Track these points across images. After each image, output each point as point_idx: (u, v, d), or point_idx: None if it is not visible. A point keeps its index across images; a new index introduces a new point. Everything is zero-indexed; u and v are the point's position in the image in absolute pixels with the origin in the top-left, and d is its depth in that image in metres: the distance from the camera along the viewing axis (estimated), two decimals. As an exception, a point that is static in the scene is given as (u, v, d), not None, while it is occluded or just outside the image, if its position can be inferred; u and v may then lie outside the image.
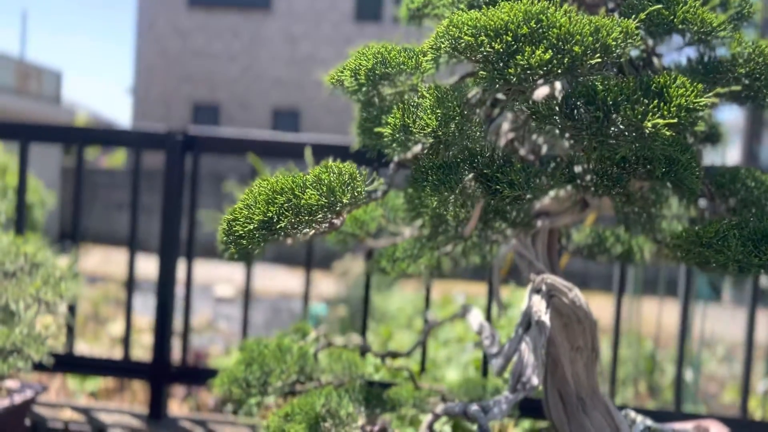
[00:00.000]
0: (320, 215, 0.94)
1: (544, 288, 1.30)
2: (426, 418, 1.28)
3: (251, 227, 0.96)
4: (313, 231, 1.06)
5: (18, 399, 1.89)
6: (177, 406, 2.75)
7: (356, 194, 0.96)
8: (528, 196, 0.98)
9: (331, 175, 0.95)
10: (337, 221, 1.07)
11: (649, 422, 1.52)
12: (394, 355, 1.54)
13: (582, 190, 1.00)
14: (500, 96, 1.16)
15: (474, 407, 1.20)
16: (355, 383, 1.46)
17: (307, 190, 0.95)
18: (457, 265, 1.58)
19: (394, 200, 1.51)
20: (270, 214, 0.95)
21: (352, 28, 15.46)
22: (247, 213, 0.98)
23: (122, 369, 2.32)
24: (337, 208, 0.94)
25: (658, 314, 6.30)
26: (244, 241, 0.99)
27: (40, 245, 2.06)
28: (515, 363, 1.23)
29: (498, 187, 0.96)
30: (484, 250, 1.67)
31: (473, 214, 1.01)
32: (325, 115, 15.09)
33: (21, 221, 2.26)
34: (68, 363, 2.31)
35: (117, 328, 4.34)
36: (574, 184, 1.00)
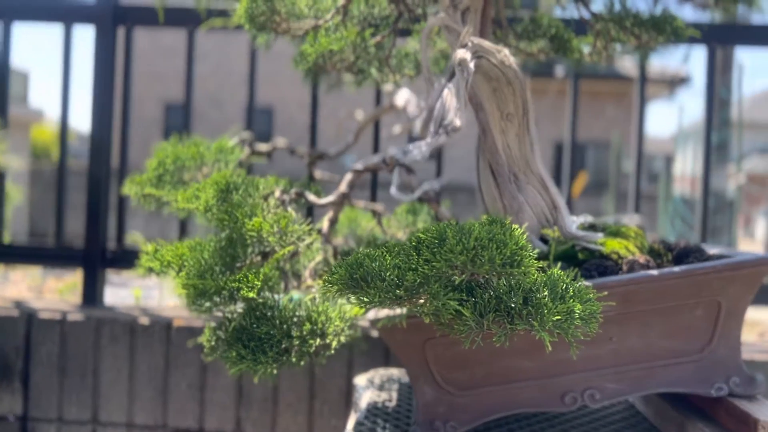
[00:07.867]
0: None
1: (470, 45, 1.22)
2: (346, 177, 1.18)
3: None
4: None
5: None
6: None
7: None
8: None
9: None
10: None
11: (590, 218, 1.44)
12: (321, 155, 1.45)
13: None
14: None
15: (392, 150, 1.12)
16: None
17: None
18: (388, 66, 1.49)
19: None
20: None
21: (324, 25, 15.44)
22: None
23: (54, 256, 2.19)
24: None
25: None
26: None
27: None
28: (437, 109, 1.14)
29: None
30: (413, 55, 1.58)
31: None
32: (298, 112, 14.99)
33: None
34: (-3, 252, 2.18)
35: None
36: None
